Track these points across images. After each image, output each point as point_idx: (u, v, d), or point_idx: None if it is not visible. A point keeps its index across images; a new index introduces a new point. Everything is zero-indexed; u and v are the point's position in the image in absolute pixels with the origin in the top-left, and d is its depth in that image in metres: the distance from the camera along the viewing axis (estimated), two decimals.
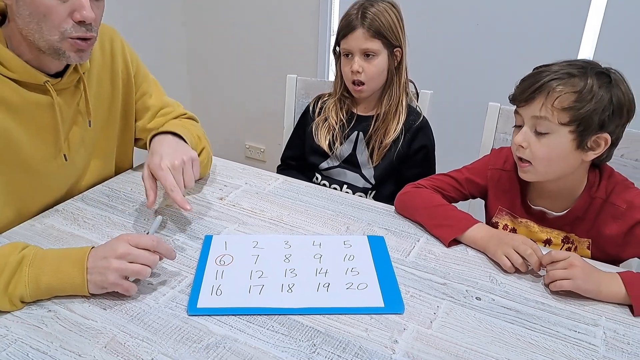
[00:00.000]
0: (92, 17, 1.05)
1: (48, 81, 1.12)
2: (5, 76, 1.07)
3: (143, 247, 0.95)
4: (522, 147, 1.11)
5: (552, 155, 1.09)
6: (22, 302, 0.92)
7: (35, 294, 0.92)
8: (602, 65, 1.10)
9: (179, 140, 1.22)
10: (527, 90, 1.09)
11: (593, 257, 1.17)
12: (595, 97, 1.04)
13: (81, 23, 1.04)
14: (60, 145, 1.19)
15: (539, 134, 1.09)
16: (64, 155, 1.20)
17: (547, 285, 1.03)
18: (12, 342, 0.85)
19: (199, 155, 1.26)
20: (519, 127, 1.14)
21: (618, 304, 1.00)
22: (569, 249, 1.21)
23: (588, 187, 1.17)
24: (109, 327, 0.89)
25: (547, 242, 1.23)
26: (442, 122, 1.85)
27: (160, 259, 0.99)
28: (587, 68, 1.08)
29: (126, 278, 0.93)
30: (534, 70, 1.14)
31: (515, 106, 1.14)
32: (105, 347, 0.85)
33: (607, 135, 1.07)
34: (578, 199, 1.17)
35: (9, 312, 0.91)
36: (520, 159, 1.14)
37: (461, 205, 1.30)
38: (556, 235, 1.22)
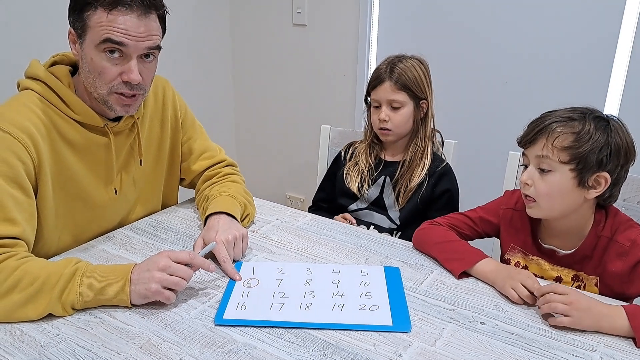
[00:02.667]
0: (138, 80, 1.22)
1: (107, 124, 1.29)
2: (71, 118, 1.24)
3: (181, 261, 1.10)
4: (528, 184, 1.20)
5: (554, 191, 1.18)
6: (73, 308, 1.06)
7: (84, 302, 1.06)
8: (604, 113, 1.20)
9: (232, 219, 1.36)
10: (531, 133, 1.20)
11: (601, 294, 1.22)
12: (592, 138, 1.14)
13: (127, 83, 1.22)
14: (113, 180, 1.35)
15: (542, 172, 1.18)
16: (115, 189, 1.36)
17: (545, 319, 1.09)
18: (62, 340, 0.99)
19: (243, 219, 1.42)
20: (526, 166, 1.23)
21: (622, 336, 1.04)
22: (578, 287, 1.27)
23: (595, 226, 1.24)
24: (145, 332, 1.01)
25: (558, 280, 1.29)
26: (466, 170, 1.94)
27: (196, 269, 1.14)
28: (587, 113, 1.18)
29: (165, 289, 1.07)
30: (540, 115, 1.24)
31: (523, 148, 1.24)
32: (141, 348, 0.97)
33: (606, 175, 1.16)
34: (586, 237, 1.24)
35: (61, 316, 1.05)
36: (527, 196, 1.22)
37: (485, 243, 1.39)
38: (566, 274, 1.28)
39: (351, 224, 1.66)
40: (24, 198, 1.15)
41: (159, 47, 1.24)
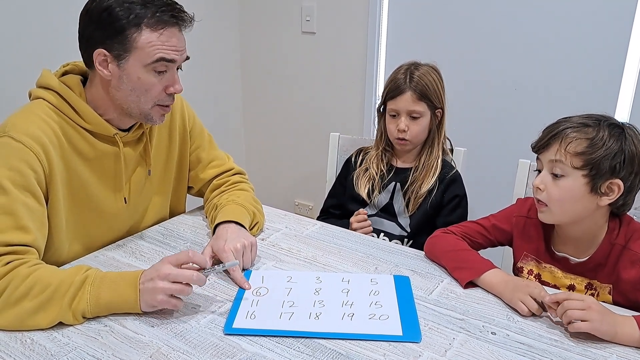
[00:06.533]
0: (182, 90, 1.26)
1: (117, 134, 1.29)
2: (81, 127, 1.25)
3: (182, 263, 1.09)
4: (540, 189, 1.20)
5: (565, 196, 1.17)
6: (84, 317, 1.06)
7: (95, 310, 1.06)
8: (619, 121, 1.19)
9: (240, 227, 1.36)
10: (545, 138, 1.20)
11: (614, 302, 1.22)
12: (605, 145, 1.14)
13: (170, 94, 1.26)
14: (122, 189, 1.35)
15: (555, 176, 1.18)
16: (124, 198, 1.37)
17: (564, 325, 1.08)
18: (73, 350, 0.99)
19: (252, 228, 1.42)
20: (539, 171, 1.23)
21: (634, 347, 1.03)
22: (591, 295, 1.25)
23: (608, 234, 1.23)
24: (155, 341, 1.02)
25: (571, 288, 1.27)
26: (476, 177, 1.93)
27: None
28: (602, 120, 1.18)
29: (172, 296, 1.07)
30: (555, 121, 1.24)
31: (537, 153, 1.24)
32: (150, 357, 0.97)
33: (619, 182, 1.15)
34: (599, 245, 1.23)
35: (72, 325, 1.05)
36: (538, 200, 1.22)
37: (495, 253, 1.38)
38: (580, 282, 1.27)
39: (365, 221, 1.65)
40: (35, 206, 1.16)
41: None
